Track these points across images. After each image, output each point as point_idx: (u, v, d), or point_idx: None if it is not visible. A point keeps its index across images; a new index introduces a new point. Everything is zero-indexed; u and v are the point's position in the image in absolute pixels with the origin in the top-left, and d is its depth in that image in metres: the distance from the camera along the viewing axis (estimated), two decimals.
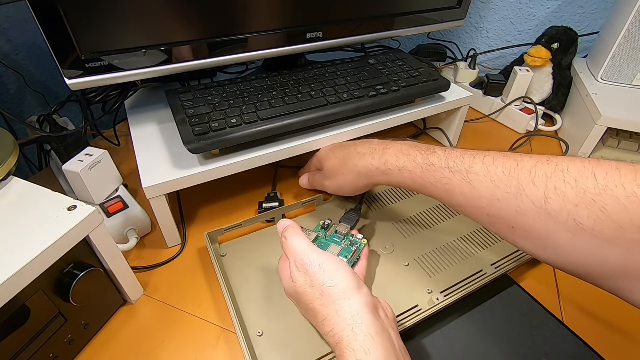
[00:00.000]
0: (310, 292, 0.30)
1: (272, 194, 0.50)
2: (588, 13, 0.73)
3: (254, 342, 0.34)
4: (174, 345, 0.36)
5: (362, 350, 0.26)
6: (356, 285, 0.30)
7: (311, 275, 0.30)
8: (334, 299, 0.29)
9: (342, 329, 0.27)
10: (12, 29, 0.57)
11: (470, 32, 0.83)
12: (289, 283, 0.32)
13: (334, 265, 0.31)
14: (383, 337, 0.27)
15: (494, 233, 0.35)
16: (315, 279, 0.30)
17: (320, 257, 0.31)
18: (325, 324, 0.29)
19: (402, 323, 0.35)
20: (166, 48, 0.42)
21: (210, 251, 0.40)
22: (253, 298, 0.38)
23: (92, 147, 0.43)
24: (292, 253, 0.32)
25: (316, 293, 0.30)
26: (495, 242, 0.43)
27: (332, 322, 0.28)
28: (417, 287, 0.39)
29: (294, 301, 0.34)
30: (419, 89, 0.51)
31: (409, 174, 0.36)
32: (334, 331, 0.28)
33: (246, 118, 0.43)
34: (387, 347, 0.27)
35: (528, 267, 0.42)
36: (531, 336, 0.35)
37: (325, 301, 0.29)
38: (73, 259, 0.31)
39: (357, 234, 0.41)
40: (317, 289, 0.30)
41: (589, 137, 0.55)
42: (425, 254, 0.42)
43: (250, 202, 0.50)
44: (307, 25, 0.49)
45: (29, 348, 0.29)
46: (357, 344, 0.26)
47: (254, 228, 0.46)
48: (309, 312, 0.31)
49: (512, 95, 0.67)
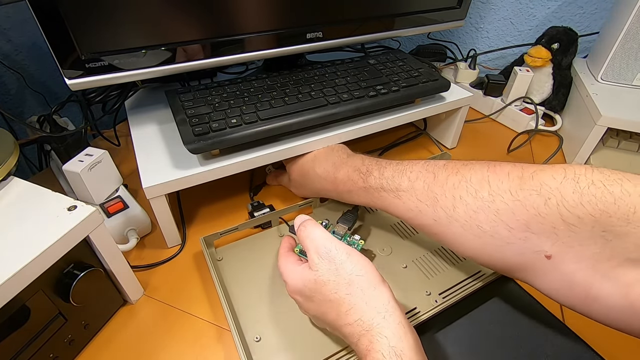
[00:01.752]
0: (335, 280, 0.30)
1: (255, 203, 0.49)
2: (588, 13, 0.73)
3: (251, 348, 0.34)
4: (174, 345, 0.36)
5: (395, 337, 0.26)
6: (381, 278, 0.30)
7: (337, 264, 0.30)
8: (363, 287, 0.29)
9: (372, 317, 0.27)
10: (12, 29, 0.57)
11: (470, 32, 0.83)
12: (302, 275, 0.31)
13: (360, 256, 0.31)
14: (411, 326, 0.28)
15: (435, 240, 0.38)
16: (342, 267, 0.30)
17: (345, 247, 0.31)
18: (350, 313, 0.28)
19: None
20: (166, 48, 0.42)
21: (206, 256, 0.40)
22: (250, 303, 0.37)
23: (92, 147, 0.43)
24: (313, 240, 0.32)
25: (342, 281, 0.29)
26: None
27: (360, 311, 0.28)
28: (416, 289, 0.38)
29: (300, 297, 0.32)
30: (419, 89, 0.51)
31: (357, 197, 0.41)
32: (361, 320, 0.28)
33: (246, 118, 0.43)
34: (415, 335, 0.28)
35: None
36: (531, 336, 0.35)
37: (353, 290, 0.29)
38: (73, 259, 0.31)
39: (355, 235, 0.41)
40: (343, 277, 0.30)
41: (588, 137, 0.55)
42: (423, 256, 0.42)
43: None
44: (307, 25, 0.49)
45: (29, 348, 0.29)
46: (390, 331, 0.27)
47: (250, 231, 0.45)
48: (327, 303, 0.30)
49: (512, 95, 0.67)
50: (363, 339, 0.27)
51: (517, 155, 0.61)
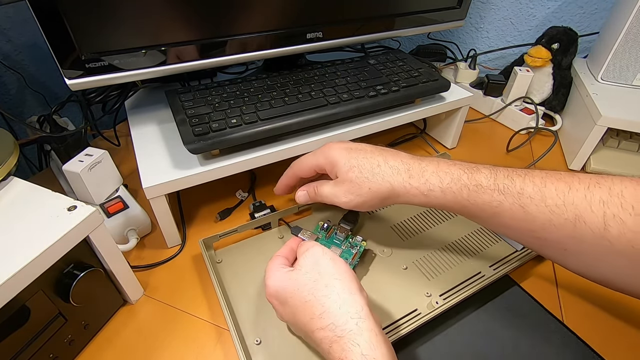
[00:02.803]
0: (315, 281, 0.30)
1: (257, 203, 0.48)
2: (588, 13, 0.73)
3: (251, 351, 0.34)
4: (174, 345, 0.36)
5: (367, 345, 0.26)
6: (359, 286, 0.30)
7: (320, 266, 0.31)
8: (339, 291, 0.29)
9: (345, 322, 0.27)
10: (12, 29, 0.57)
11: (470, 32, 0.83)
12: (282, 277, 0.31)
13: (344, 263, 0.31)
14: (384, 335, 0.27)
15: (539, 253, 0.34)
16: (324, 269, 0.30)
17: (332, 254, 0.32)
18: (323, 317, 0.28)
19: (401, 328, 0.34)
20: (166, 48, 0.42)
21: (206, 258, 0.40)
22: (251, 305, 0.37)
23: (92, 147, 0.43)
24: (306, 245, 0.33)
25: (321, 283, 0.29)
26: (494, 243, 0.43)
27: (333, 315, 0.28)
28: (416, 291, 0.38)
29: (276, 300, 0.32)
30: (419, 89, 0.51)
31: (452, 196, 0.33)
32: (333, 324, 0.27)
33: (246, 118, 0.43)
34: (388, 344, 0.27)
35: (528, 268, 0.42)
36: (531, 336, 0.35)
37: (329, 292, 0.29)
38: (73, 259, 0.31)
39: (357, 236, 0.41)
40: (323, 279, 0.30)
41: (589, 137, 0.55)
42: (423, 257, 0.42)
43: (251, 201, 0.50)
44: (307, 25, 0.49)
45: (29, 348, 0.29)
46: (362, 339, 0.26)
47: (251, 232, 0.45)
48: (302, 305, 0.29)
49: (512, 96, 0.67)
50: (335, 346, 0.26)
51: (517, 155, 0.61)
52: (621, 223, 0.26)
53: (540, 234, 0.30)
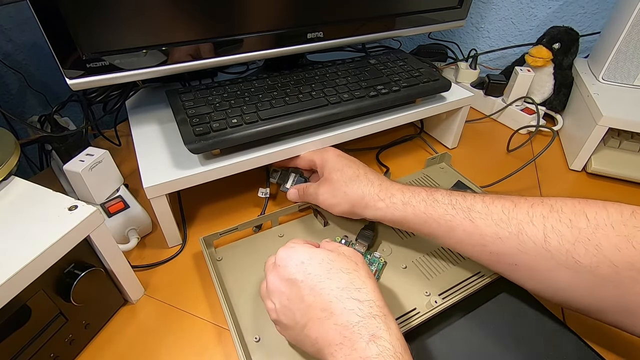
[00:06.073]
0: (328, 270, 0.29)
1: (278, 171, 0.48)
2: (589, 13, 0.73)
3: (251, 349, 0.34)
4: (175, 345, 0.36)
5: (394, 336, 0.26)
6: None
7: (342, 256, 0.31)
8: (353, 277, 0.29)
9: (383, 303, 0.28)
10: (13, 29, 0.57)
11: (471, 32, 0.83)
12: (320, 251, 0.31)
13: (361, 257, 0.32)
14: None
15: (494, 271, 0.36)
16: (341, 259, 0.30)
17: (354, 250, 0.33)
18: (361, 291, 0.28)
19: (400, 326, 0.34)
20: (167, 48, 0.42)
21: (206, 256, 0.40)
22: (250, 303, 0.37)
23: (93, 147, 0.43)
24: (328, 241, 0.34)
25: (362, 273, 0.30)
26: None
27: (373, 294, 0.28)
28: (415, 290, 0.38)
29: (281, 291, 0.30)
30: (419, 89, 0.51)
31: (412, 209, 0.36)
32: (372, 301, 0.27)
33: (247, 118, 0.43)
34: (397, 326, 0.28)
35: None
36: (531, 336, 0.35)
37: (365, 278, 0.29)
38: (74, 258, 0.31)
39: (375, 252, 0.41)
40: (341, 264, 0.30)
41: (590, 137, 0.55)
42: (422, 256, 0.42)
43: (251, 201, 0.50)
44: (307, 25, 0.49)
45: (30, 348, 0.29)
46: (394, 324, 0.27)
47: (250, 231, 0.45)
48: (336, 275, 0.29)
49: (513, 95, 0.67)
50: (363, 330, 0.25)
51: (517, 155, 0.61)
52: (560, 235, 0.29)
53: (490, 248, 0.32)
